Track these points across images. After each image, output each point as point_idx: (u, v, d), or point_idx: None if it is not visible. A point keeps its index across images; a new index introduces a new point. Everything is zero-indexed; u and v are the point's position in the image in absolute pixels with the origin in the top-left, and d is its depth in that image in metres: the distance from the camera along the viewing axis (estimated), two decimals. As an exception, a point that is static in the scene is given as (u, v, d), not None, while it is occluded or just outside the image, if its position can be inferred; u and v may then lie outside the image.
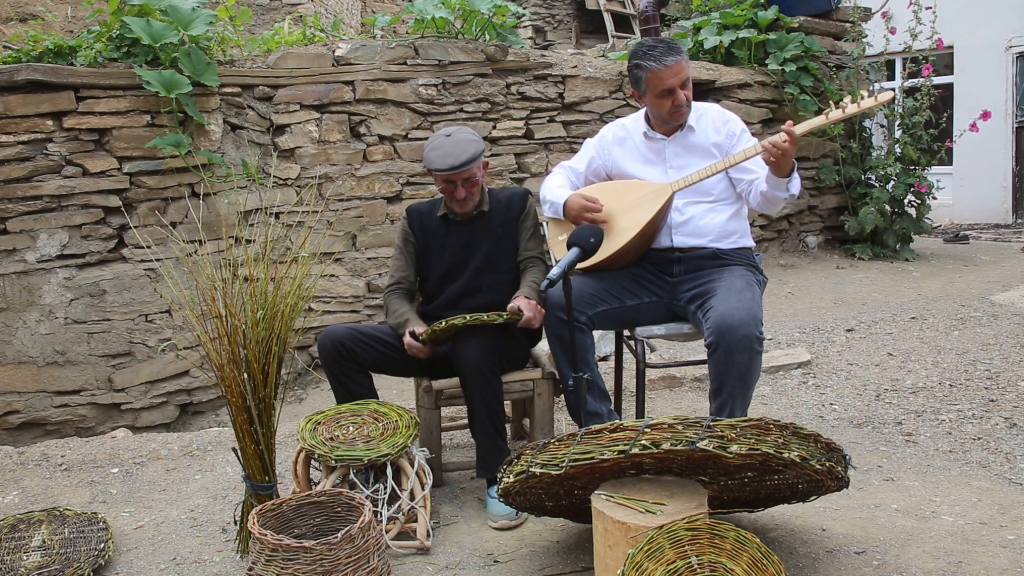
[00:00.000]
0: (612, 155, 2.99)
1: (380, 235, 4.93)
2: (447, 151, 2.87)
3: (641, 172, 2.91)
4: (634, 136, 2.96)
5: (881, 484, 2.80)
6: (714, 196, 2.85)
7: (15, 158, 3.87)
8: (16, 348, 3.92)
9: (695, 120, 2.87)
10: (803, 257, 6.33)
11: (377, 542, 2.16)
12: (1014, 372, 3.67)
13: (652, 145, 2.92)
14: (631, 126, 2.99)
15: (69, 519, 2.77)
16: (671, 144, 2.88)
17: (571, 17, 11.22)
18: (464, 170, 2.85)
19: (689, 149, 2.87)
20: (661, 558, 1.90)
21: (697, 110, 2.90)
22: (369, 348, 2.89)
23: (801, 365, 4.04)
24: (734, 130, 2.86)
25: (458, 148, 2.87)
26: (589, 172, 3.04)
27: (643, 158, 2.93)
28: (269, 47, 4.92)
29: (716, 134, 2.86)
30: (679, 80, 2.76)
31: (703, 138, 2.86)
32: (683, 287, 2.81)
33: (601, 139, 3.04)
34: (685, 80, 2.77)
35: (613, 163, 2.99)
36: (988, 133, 7.79)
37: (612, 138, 3.01)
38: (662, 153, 2.89)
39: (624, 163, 2.96)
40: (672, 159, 2.88)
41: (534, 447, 2.14)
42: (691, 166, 2.83)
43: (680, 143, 2.88)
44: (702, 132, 2.87)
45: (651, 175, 2.88)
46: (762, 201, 2.75)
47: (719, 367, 2.50)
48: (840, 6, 6.59)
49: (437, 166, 2.87)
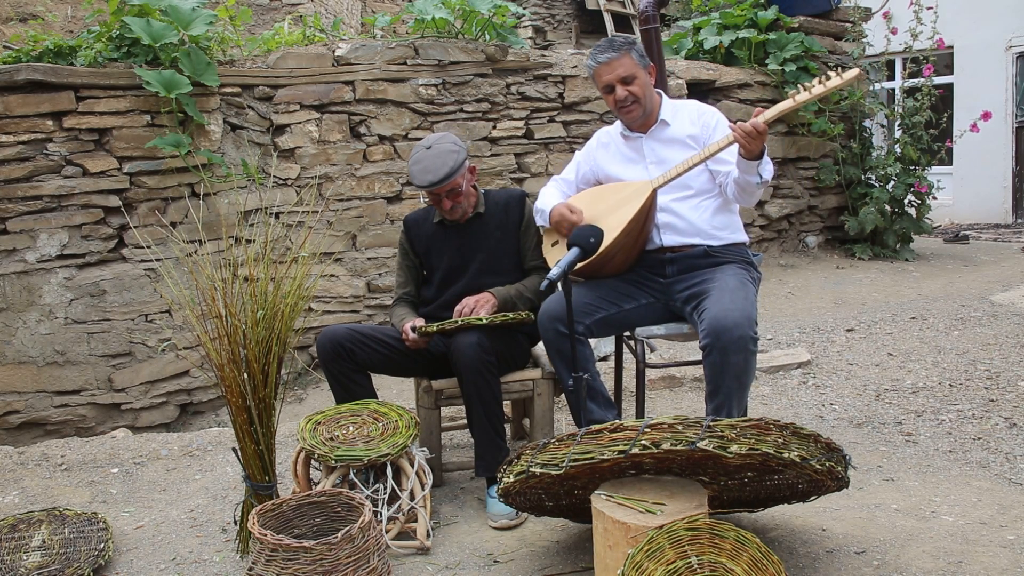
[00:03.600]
0: (597, 160, 3.03)
1: (380, 235, 4.93)
2: (426, 166, 2.87)
3: (624, 172, 2.93)
4: (615, 138, 3.00)
5: (881, 484, 2.80)
6: (695, 189, 2.85)
7: (15, 158, 3.87)
8: (16, 348, 3.92)
9: (670, 115, 2.89)
10: (803, 257, 6.32)
11: (377, 542, 2.16)
12: (1014, 372, 3.67)
13: (631, 144, 2.95)
14: (613, 130, 3.03)
15: (69, 519, 2.77)
16: (648, 140, 2.91)
17: (571, 17, 11.21)
18: (444, 184, 2.86)
19: (666, 143, 2.88)
20: (661, 558, 1.90)
21: (673, 106, 2.93)
22: (368, 348, 2.89)
23: (801, 365, 4.04)
24: (709, 121, 2.87)
25: (437, 161, 2.86)
26: (579, 181, 3.08)
27: (624, 158, 2.96)
28: (269, 47, 4.92)
29: (692, 126, 2.87)
30: (616, 76, 2.79)
31: (678, 131, 2.87)
32: (677, 287, 2.81)
33: (588, 148, 3.09)
34: (625, 76, 2.79)
35: (599, 168, 3.02)
36: (988, 133, 7.78)
37: (596, 144, 3.06)
38: (640, 151, 2.92)
39: (608, 166, 2.99)
40: (650, 155, 2.89)
41: (534, 447, 2.14)
42: (670, 160, 2.84)
43: (656, 138, 2.90)
44: (677, 126, 2.88)
45: (633, 174, 2.90)
46: (736, 190, 2.74)
47: (715, 368, 2.50)
48: (840, 6, 6.59)
49: (418, 182, 2.88)
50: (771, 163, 2.70)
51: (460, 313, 2.84)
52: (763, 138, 2.55)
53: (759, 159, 2.61)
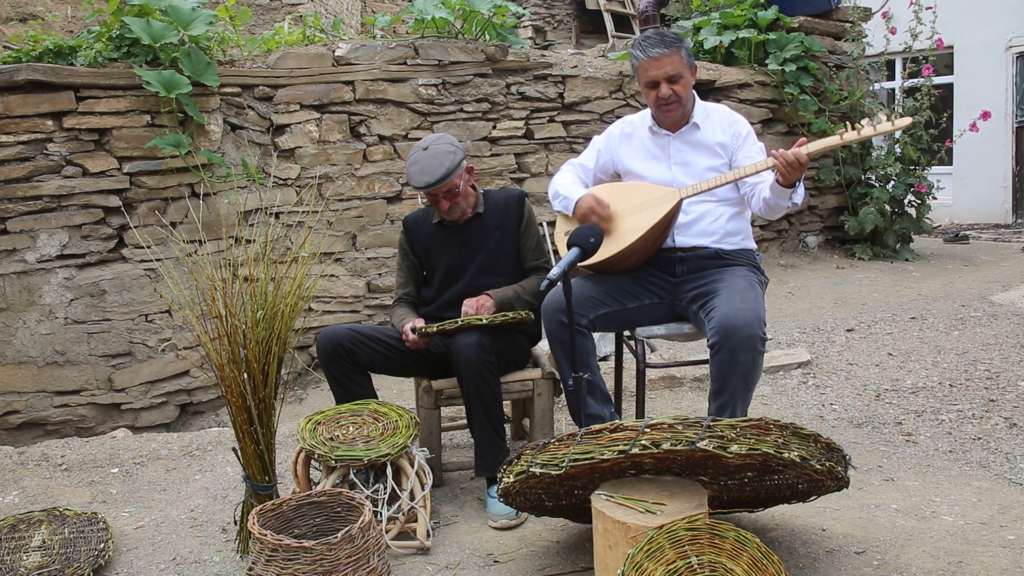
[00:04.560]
0: (619, 151, 2.98)
1: (380, 235, 4.93)
2: (423, 167, 2.86)
3: (645, 169, 2.90)
4: (640, 131, 2.96)
5: (881, 484, 2.80)
6: (718, 197, 2.83)
7: (15, 158, 3.87)
8: (16, 348, 3.92)
9: (701, 118, 2.86)
10: (803, 257, 6.32)
11: (377, 542, 2.16)
12: (1014, 372, 3.67)
13: (657, 141, 2.91)
14: (639, 122, 2.98)
15: (69, 519, 2.77)
16: (676, 140, 2.88)
17: (571, 17, 11.21)
18: (441, 185, 2.86)
19: (694, 146, 2.86)
20: (661, 558, 1.90)
21: (705, 109, 2.89)
22: (368, 348, 2.89)
23: (801, 365, 4.04)
24: (740, 131, 2.85)
25: (434, 163, 2.86)
26: (598, 169, 3.03)
27: (648, 153, 2.92)
28: (269, 47, 4.92)
29: (722, 134, 2.85)
30: (663, 73, 2.74)
31: (708, 136, 2.85)
32: (685, 287, 2.80)
33: (609, 135, 3.03)
34: (672, 75, 2.74)
35: (619, 160, 2.98)
36: (988, 133, 7.78)
37: (619, 134, 3.00)
38: (667, 149, 2.89)
39: (629, 159, 2.95)
40: (676, 155, 2.87)
41: (534, 447, 2.14)
42: (694, 163, 2.82)
43: (685, 139, 2.87)
44: (707, 130, 2.86)
45: (655, 170, 2.87)
46: (764, 207, 2.73)
47: (722, 367, 2.49)
48: (840, 6, 6.59)
49: (415, 183, 2.88)
50: (803, 188, 2.66)
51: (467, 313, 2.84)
52: (803, 169, 2.52)
53: (793, 187, 2.60)
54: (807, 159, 2.50)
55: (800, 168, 2.51)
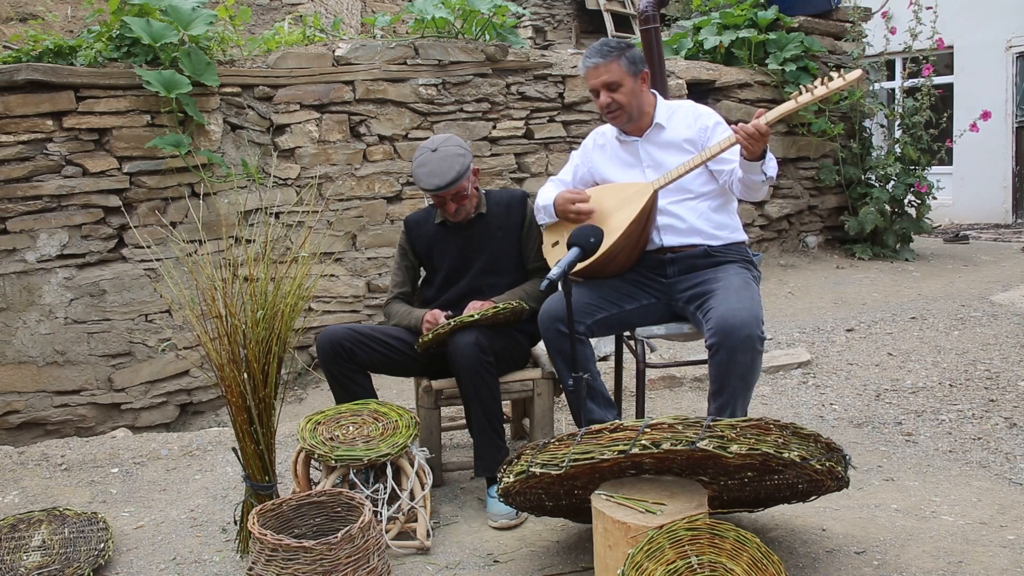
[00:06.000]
0: (594, 162, 3.01)
1: (380, 235, 4.93)
2: (432, 169, 2.86)
3: (620, 175, 2.92)
4: (611, 141, 2.98)
5: (881, 484, 2.80)
6: (695, 192, 2.84)
7: (15, 158, 3.87)
8: (16, 348, 3.92)
9: (665, 118, 2.88)
10: (803, 257, 6.33)
11: (377, 542, 2.16)
12: (1014, 372, 3.67)
13: (626, 147, 2.93)
14: (609, 132, 3.00)
15: (69, 519, 2.77)
16: (644, 144, 2.89)
17: (571, 17, 11.21)
18: (451, 189, 2.86)
19: (662, 147, 2.87)
20: (661, 558, 1.90)
21: (669, 108, 2.91)
22: (368, 348, 2.89)
23: (801, 365, 4.04)
24: (707, 123, 2.86)
25: (444, 165, 2.85)
26: (576, 181, 3.06)
27: (621, 161, 2.94)
28: (269, 47, 4.92)
29: (687, 130, 2.86)
30: (601, 82, 2.78)
31: (674, 134, 2.86)
32: (679, 287, 2.81)
33: (584, 148, 3.07)
34: (610, 83, 2.77)
35: (596, 169, 3.01)
36: (988, 133, 7.78)
37: (592, 145, 3.04)
38: (637, 154, 2.90)
39: (604, 168, 2.98)
40: (647, 158, 2.88)
41: (534, 447, 2.14)
42: (666, 163, 2.83)
43: (652, 141, 2.89)
44: (673, 129, 2.87)
45: (630, 178, 2.89)
46: (742, 188, 2.74)
47: (721, 368, 2.49)
48: (840, 6, 6.59)
49: (423, 185, 2.88)
50: (774, 159, 2.69)
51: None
52: (765, 140, 2.55)
53: (761, 159, 2.60)
54: (767, 128, 2.53)
55: (762, 139, 2.53)
